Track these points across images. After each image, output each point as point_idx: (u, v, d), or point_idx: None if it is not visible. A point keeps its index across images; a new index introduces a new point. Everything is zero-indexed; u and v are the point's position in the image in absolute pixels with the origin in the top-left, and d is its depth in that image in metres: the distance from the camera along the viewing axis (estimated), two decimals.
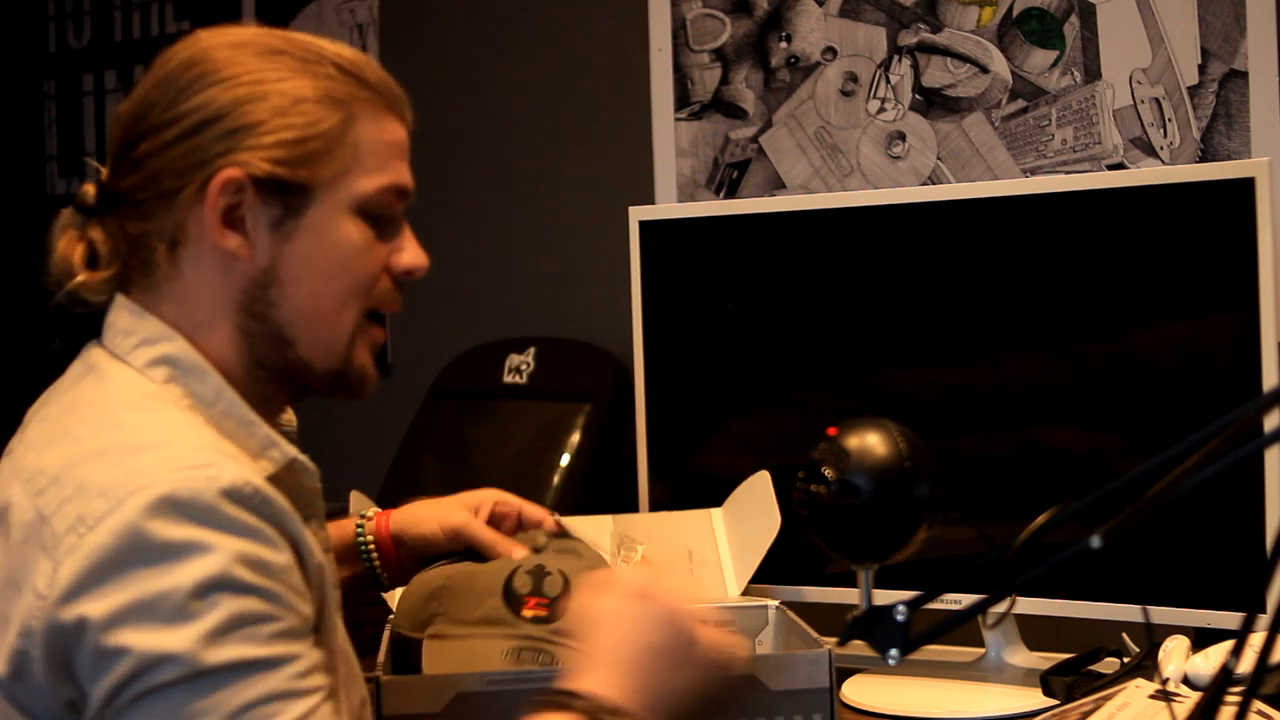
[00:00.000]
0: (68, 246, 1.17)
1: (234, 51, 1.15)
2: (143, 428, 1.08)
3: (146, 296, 1.16)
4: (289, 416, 1.33)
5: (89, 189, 1.17)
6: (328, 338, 1.18)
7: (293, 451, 1.16)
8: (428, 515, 1.47)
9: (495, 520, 1.48)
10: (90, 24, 3.23)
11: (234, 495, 1.03)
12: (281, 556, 1.05)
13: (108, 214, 1.16)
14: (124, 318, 1.16)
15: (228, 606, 1.00)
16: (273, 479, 1.12)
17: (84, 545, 1.01)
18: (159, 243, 1.15)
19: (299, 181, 1.14)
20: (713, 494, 1.74)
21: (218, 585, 1.00)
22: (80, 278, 1.16)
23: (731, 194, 2.48)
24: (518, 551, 1.43)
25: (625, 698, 1.11)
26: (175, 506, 1.01)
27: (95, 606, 1.00)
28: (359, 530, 1.47)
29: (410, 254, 1.22)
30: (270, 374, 1.18)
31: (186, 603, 0.99)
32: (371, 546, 1.46)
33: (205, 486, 1.02)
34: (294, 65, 1.15)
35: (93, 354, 1.17)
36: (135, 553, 1.00)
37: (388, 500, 1.55)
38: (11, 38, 3.30)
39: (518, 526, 1.49)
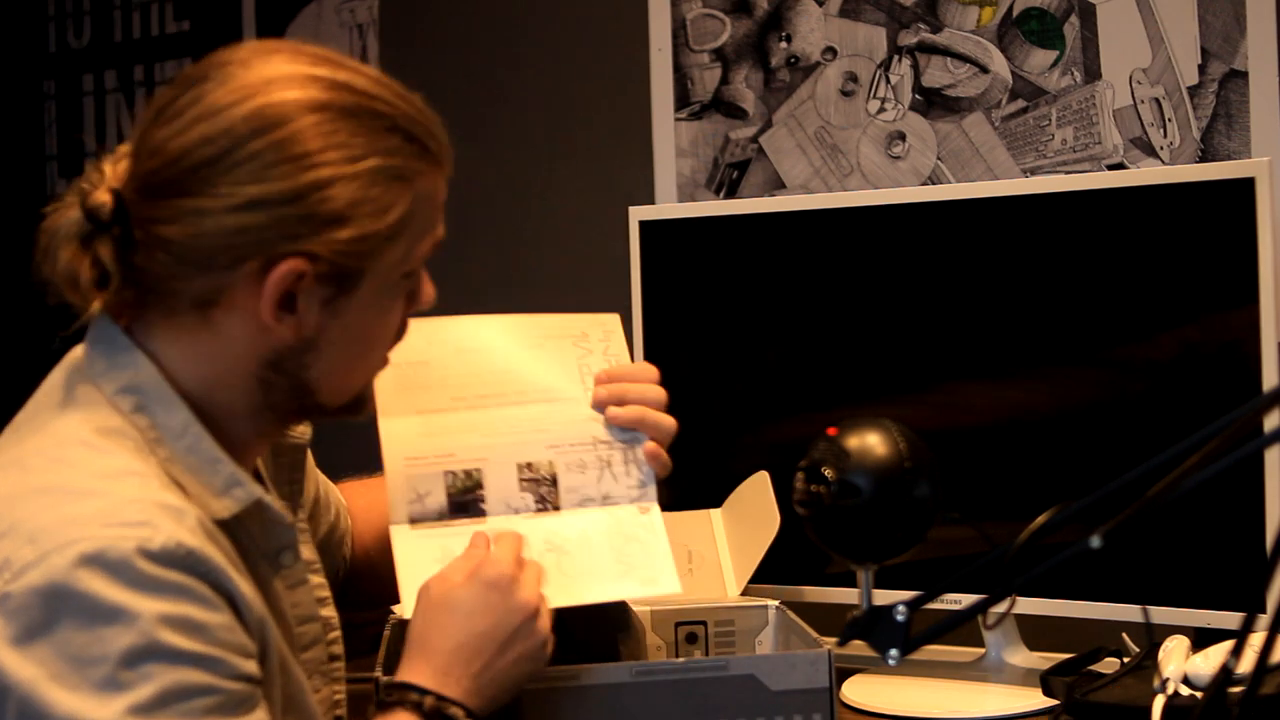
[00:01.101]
0: (74, 260, 1.10)
1: (311, 118, 1.08)
2: (88, 471, 1.05)
3: (159, 330, 1.13)
4: (304, 428, 1.33)
5: (105, 200, 1.09)
6: (352, 386, 1.19)
7: (258, 492, 1.13)
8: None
9: None
10: (90, 24, 3.22)
11: (164, 557, 1.00)
12: (217, 615, 1.03)
13: (123, 233, 1.09)
14: (102, 337, 1.13)
15: (160, 678, 0.98)
16: (238, 517, 1.11)
17: (10, 599, 0.98)
18: (191, 300, 1.10)
19: (360, 268, 1.11)
20: (713, 494, 1.74)
21: (147, 654, 0.98)
22: (95, 304, 1.10)
23: (731, 194, 2.48)
24: None
25: (451, 686, 1.15)
26: (102, 565, 0.98)
27: (22, 666, 0.97)
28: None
29: (429, 291, 1.21)
30: (279, 415, 1.17)
31: (115, 672, 0.97)
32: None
33: (134, 546, 0.99)
34: (368, 138, 1.09)
35: (70, 370, 1.14)
36: (61, 612, 0.98)
37: None
38: (11, 38, 3.30)
39: None
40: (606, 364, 1.40)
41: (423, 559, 1.29)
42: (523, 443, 1.38)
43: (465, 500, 1.34)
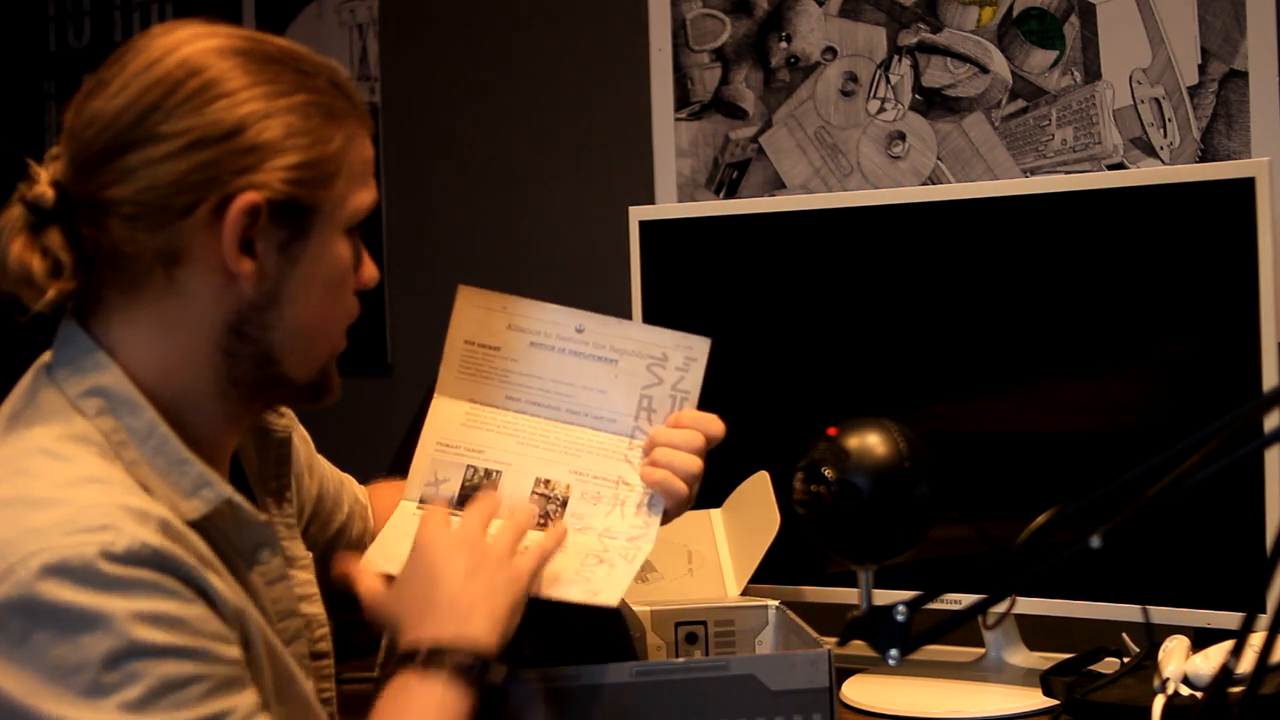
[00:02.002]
0: (24, 253, 1.09)
1: (236, 60, 1.11)
2: (50, 481, 1.04)
3: (119, 314, 1.12)
4: (286, 421, 1.32)
5: (46, 191, 1.10)
6: (315, 354, 1.18)
7: (228, 491, 1.13)
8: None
9: None
10: (90, 24, 3.22)
11: (129, 558, 1.00)
12: (192, 608, 1.03)
13: (69, 219, 1.10)
14: (67, 338, 1.13)
15: (146, 676, 0.98)
16: (209, 517, 1.11)
17: None
18: (154, 262, 1.10)
19: (310, 203, 1.12)
20: (713, 494, 1.74)
21: (128, 654, 0.98)
22: (50, 294, 1.09)
23: (731, 194, 2.48)
24: None
25: (452, 631, 1.15)
26: (67, 573, 0.98)
27: (6, 680, 0.97)
28: None
29: (372, 266, 1.22)
30: (243, 391, 1.15)
31: (100, 676, 0.97)
32: None
33: (97, 550, 0.99)
34: (295, 77, 1.13)
35: (36, 375, 1.14)
36: (35, 624, 0.98)
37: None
38: (11, 38, 3.30)
39: None
40: (671, 400, 1.39)
41: (407, 532, 1.31)
42: (551, 460, 1.39)
43: (475, 496, 1.35)
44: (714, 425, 1.37)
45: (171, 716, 0.99)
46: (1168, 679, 1.43)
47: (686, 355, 1.39)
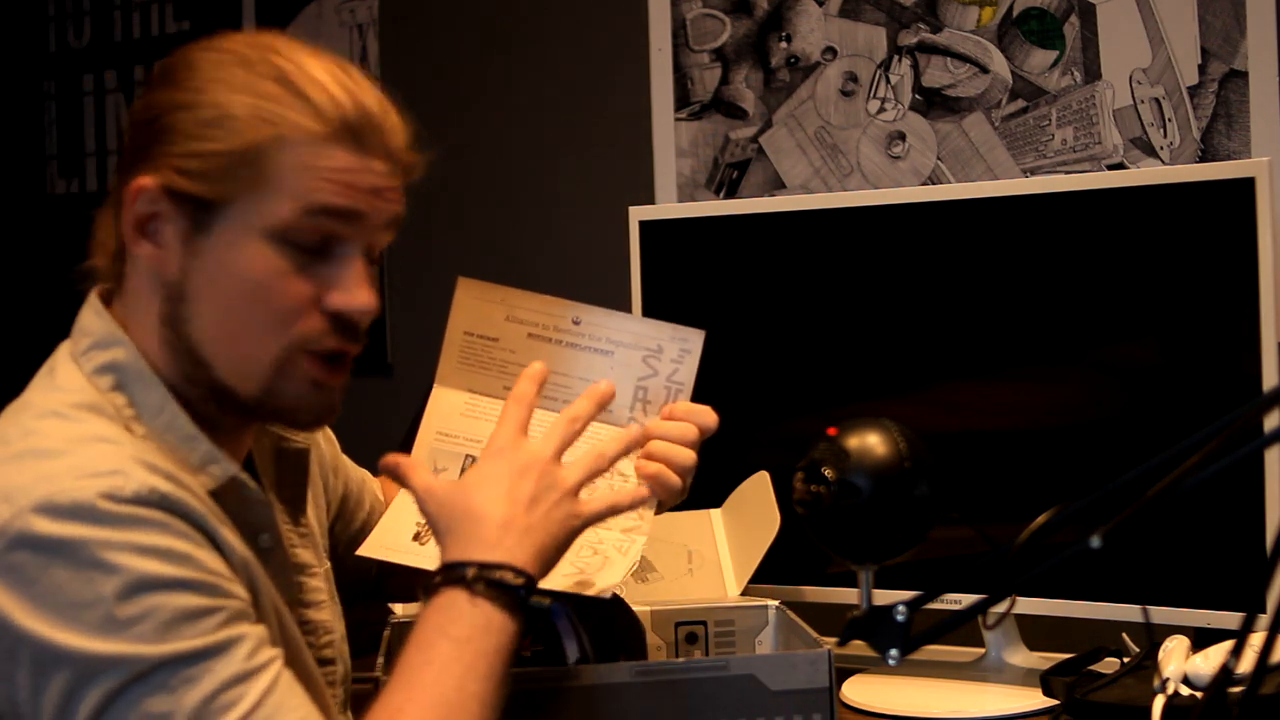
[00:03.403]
0: (99, 228, 1.18)
1: (205, 56, 1.13)
2: (58, 436, 1.07)
3: (127, 297, 1.17)
4: (305, 434, 1.32)
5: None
6: (244, 365, 1.13)
7: (234, 469, 1.14)
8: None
9: None
10: (90, 24, 3.22)
11: (137, 499, 1.02)
12: (200, 550, 1.05)
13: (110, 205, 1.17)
14: (87, 315, 1.17)
15: (161, 608, 1.00)
16: (217, 493, 1.12)
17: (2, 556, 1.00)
18: (115, 244, 1.15)
19: (207, 197, 1.10)
20: (713, 494, 1.74)
21: (140, 587, 1.00)
22: (94, 260, 1.17)
23: (731, 194, 2.48)
24: None
25: (489, 552, 1.14)
26: (77, 512, 1.00)
27: (25, 617, 0.99)
28: None
29: (346, 295, 1.14)
30: (203, 393, 1.14)
31: (115, 608, 0.99)
32: None
33: (106, 490, 1.01)
34: (243, 80, 1.11)
35: (58, 354, 1.17)
36: (48, 561, 1.00)
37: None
38: (11, 38, 3.30)
39: None
40: (665, 391, 1.38)
41: (407, 521, 1.32)
42: None
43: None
44: (707, 417, 1.36)
45: (188, 644, 1.01)
46: (1168, 679, 1.43)
47: (681, 347, 1.39)
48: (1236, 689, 0.90)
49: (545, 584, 1.25)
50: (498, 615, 1.12)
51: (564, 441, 1.24)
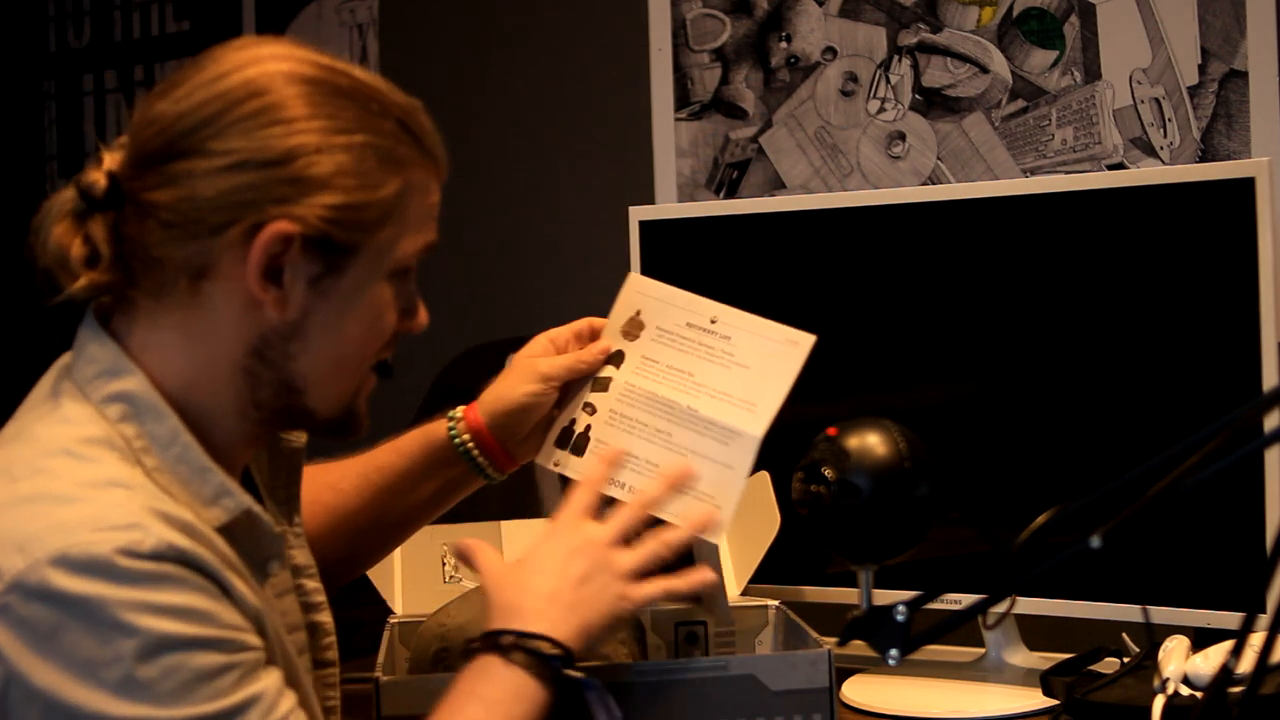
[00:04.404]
0: (65, 236, 1.10)
1: (303, 89, 1.10)
2: (71, 479, 1.04)
3: (145, 318, 1.12)
4: (299, 433, 1.32)
5: (99, 178, 1.11)
6: (339, 390, 1.17)
7: (247, 501, 1.12)
8: (510, 387, 1.41)
9: (562, 348, 1.44)
10: (90, 24, 3.23)
11: (155, 556, 1.00)
12: (217, 604, 1.04)
13: (116, 212, 1.10)
14: (90, 340, 1.13)
15: (179, 668, 0.99)
16: (227, 526, 1.10)
17: (10, 609, 0.98)
18: (181, 271, 1.09)
19: (349, 244, 1.10)
20: None
21: (159, 648, 0.99)
22: (82, 281, 1.10)
23: (731, 194, 2.48)
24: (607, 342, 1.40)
25: (531, 624, 1.16)
26: (96, 568, 0.98)
27: (42, 673, 0.98)
28: (452, 431, 1.43)
29: (420, 315, 1.21)
30: (267, 415, 1.15)
31: (133, 669, 0.98)
32: (469, 444, 1.42)
33: (125, 546, 0.99)
34: (360, 116, 1.11)
35: (58, 375, 1.14)
36: (65, 617, 0.98)
37: None
38: (11, 38, 3.30)
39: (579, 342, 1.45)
40: None
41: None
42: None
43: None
44: None
45: (209, 706, 1.00)
46: (1168, 679, 1.43)
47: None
48: (1236, 689, 0.90)
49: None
50: (530, 683, 1.14)
51: (627, 527, 1.25)
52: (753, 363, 1.34)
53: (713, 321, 1.37)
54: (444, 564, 1.68)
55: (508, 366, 1.44)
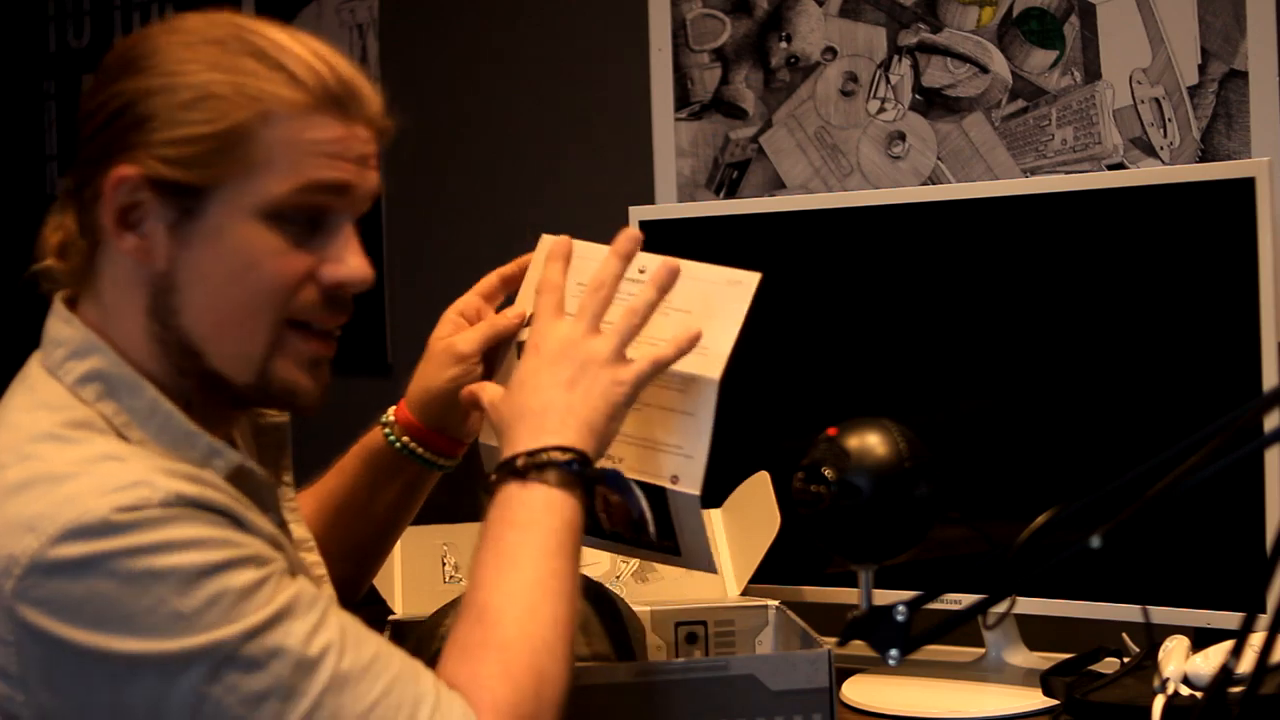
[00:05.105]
0: (51, 231, 1.14)
1: (168, 39, 1.09)
2: (63, 459, 1.04)
3: (103, 297, 1.13)
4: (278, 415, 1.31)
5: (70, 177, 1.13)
6: (237, 350, 1.11)
7: (237, 458, 1.11)
8: (431, 375, 1.41)
9: (473, 316, 1.43)
10: (90, 24, 3.23)
11: (168, 504, 1.01)
12: (239, 533, 1.04)
13: (70, 204, 1.13)
14: (56, 325, 1.13)
15: (220, 591, 0.99)
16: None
17: (35, 588, 0.98)
18: (84, 240, 1.11)
19: (194, 184, 1.07)
20: (713, 494, 1.73)
21: (194, 576, 0.99)
22: (46, 262, 1.13)
23: (731, 194, 2.48)
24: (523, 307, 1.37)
25: (546, 437, 1.16)
26: (111, 529, 0.98)
27: (86, 637, 0.98)
28: (389, 435, 1.42)
29: (343, 266, 1.12)
30: (196, 383, 1.12)
31: (177, 606, 0.98)
32: (411, 443, 1.41)
33: (133, 501, 0.99)
34: (217, 56, 1.08)
35: (32, 364, 1.14)
36: (95, 581, 0.98)
37: None
38: (11, 38, 3.30)
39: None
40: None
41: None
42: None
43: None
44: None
45: (256, 617, 1.00)
46: (1168, 679, 1.43)
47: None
48: (1236, 689, 0.90)
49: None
50: (555, 493, 1.15)
51: (594, 312, 1.23)
52: (694, 307, 1.31)
53: (641, 271, 1.30)
54: (444, 564, 1.68)
55: (425, 353, 1.42)
